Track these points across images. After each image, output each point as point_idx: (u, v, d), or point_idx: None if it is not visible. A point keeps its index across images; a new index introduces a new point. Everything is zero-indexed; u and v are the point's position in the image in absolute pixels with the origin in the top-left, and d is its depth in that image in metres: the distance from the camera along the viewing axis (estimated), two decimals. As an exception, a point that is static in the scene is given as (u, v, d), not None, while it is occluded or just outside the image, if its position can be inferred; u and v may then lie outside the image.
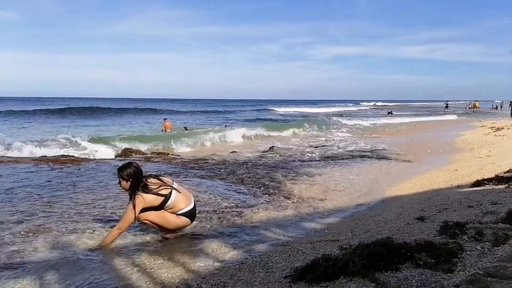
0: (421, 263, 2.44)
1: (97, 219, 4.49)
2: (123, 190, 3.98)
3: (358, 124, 25.71)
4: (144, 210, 3.85)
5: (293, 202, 5.38)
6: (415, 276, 2.24)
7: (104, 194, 5.71)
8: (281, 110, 52.93)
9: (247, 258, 3.28)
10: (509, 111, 32.19)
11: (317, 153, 10.62)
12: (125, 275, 3.04)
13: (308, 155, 10.18)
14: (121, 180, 3.85)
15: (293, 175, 7.31)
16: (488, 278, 2.11)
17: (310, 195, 5.76)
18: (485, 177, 5.52)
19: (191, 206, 4.09)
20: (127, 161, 4.06)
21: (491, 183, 5.12)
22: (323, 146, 12.68)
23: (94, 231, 4.10)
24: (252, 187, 6.28)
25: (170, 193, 3.96)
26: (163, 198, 3.92)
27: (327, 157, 9.76)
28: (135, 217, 3.79)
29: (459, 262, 2.45)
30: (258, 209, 5.02)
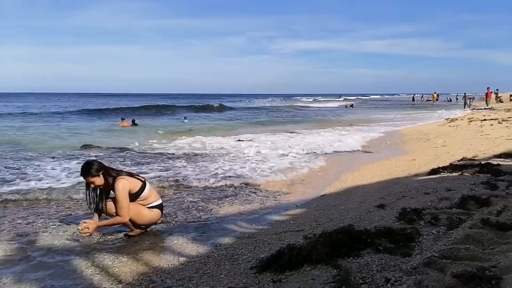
0: (381, 248, 2.53)
1: (54, 218, 4.31)
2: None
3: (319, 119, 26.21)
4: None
5: (259, 196, 5.41)
6: (375, 261, 2.32)
7: (65, 194, 5.49)
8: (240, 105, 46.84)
9: (213, 252, 3.27)
10: (462, 103, 33.98)
11: (283, 148, 10.71)
12: (87, 276, 2.94)
13: (272, 150, 10.25)
14: (93, 180, 3.66)
15: (258, 169, 7.34)
16: (443, 260, 2.21)
17: (276, 188, 5.82)
18: (441, 166, 5.78)
19: (160, 201, 4.05)
20: (82, 165, 3.80)
21: (446, 171, 5.38)
22: (287, 140, 12.81)
23: (51, 231, 3.94)
24: (219, 181, 6.25)
25: (145, 182, 3.89)
26: (142, 183, 3.84)
27: (292, 151, 9.87)
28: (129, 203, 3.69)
29: (416, 246, 2.56)
30: (224, 203, 5.02)
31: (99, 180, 3.69)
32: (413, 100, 55.55)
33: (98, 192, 3.80)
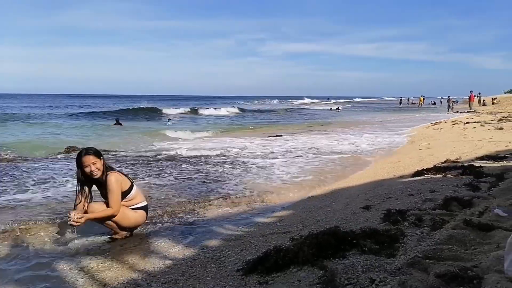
0: (366, 249, 2.55)
1: (37, 221, 4.23)
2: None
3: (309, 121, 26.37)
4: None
5: (245, 198, 5.41)
6: (360, 262, 2.34)
7: (50, 194, 5.40)
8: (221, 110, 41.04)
9: (199, 254, 3.25)
10: (446, 106, 34.59)
11: (268, 150, 10.75)
12: (70, 279, 2.90)
13: (260, 151, 10.27)
14: (95, 161, 3.61)
15: (245, 170, 7.35)
16: (427, 260, 2.25)
17: (263, 190, 5.82)
18: (425, 168, 5.87)
19: (146, 202, 4.03)
20: (83, 148, 3.85)
21: (430, 173, 5.46)
22: (273, 142, 12.85)
23: (33, 233, 3.87)
24: (206, 183, 6.23)
25: (133, 183, 3.87)
26: (130, 183, 3.81)
27: (278, 153, 9.91)
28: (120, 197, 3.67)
29: (400, 247, 2.59)
30: (210, 205, 4.99)
31: (100, 164, 3.65)
32: (400, 103, 56.38)
33: (80, 185, 3.70)
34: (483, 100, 38.94)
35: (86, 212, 3.68)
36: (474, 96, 35.05)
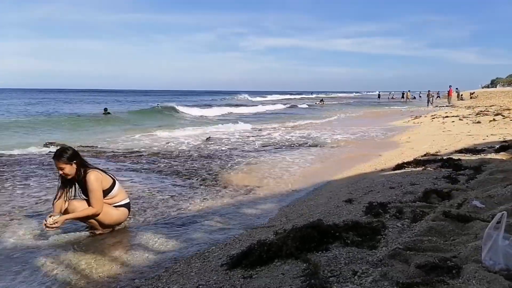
0: (349, 241, 2.58)
1: (18, 218, 4.13)
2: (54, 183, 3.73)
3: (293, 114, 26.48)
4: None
5: (229, 191, 5.39)
6: (343, 254, 2.37)
7: (28, 191, 5.27)
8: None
9: (183, 250, 3.24)
10: (426, 100, 35.21)
11: (254, 143, 10.75)
12: (51, 275, 2.85)
13: (244, 145, 10.27)
14: (63, 166, 3.54)
15: (229, 165, 7.33)
16: (407, 252, 2.30)
17: (247, 184, 5.81)
18: (405, 161, 5.98)
19: (128, 200, 3.99)
20: (58, 148, 3.79)
21: (410, 166, 5.57)
22: (257, 136, 12.86)
23: (14, 228, 3.78)
24: (188, 178, 6.19)
25: (115, 181, 3.83)
26: (112, 181, 3.77)
27: (262, 146, 9.93)
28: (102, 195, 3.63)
29: (382, 238, 2.63)
30: (194, 200, 4.96)
31: (69, 169, 3.57)
32: (379, 97, 57.43)
33: (61, 181, 3.68)
34: (461, 95, 39.81)
35: (66, 210, 3.62)
36: (453, 90, 35.78)
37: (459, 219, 2.80)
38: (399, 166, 5.64)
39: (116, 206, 3.81)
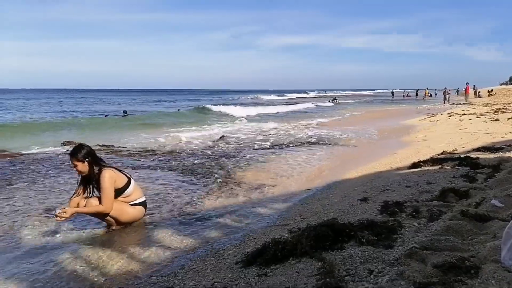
0: (364, 240, 2.57)
1: (38, 215, 4.23)
2: (74, 179, 3.82)
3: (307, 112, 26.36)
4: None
5: (243, 190, 5.41)
6: (358, 253, 2.36)
7: (45, 189, 5.39)
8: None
9: (198, 247, 3.27)
10: (442, 98, 34.63)
11: (267, 142, 10.75)
12: (71, 269, 2.91)
13: (258, 144, 10.28)
14: (76, 163, 3.64)
15: (243, 163, 7.35)
16: (424, 251, 2.27)
17: (260, 182, 5.82)
18: (421, 160, 5.89)
19: (144, 198, 4.04)
20: (75, 145, 3.88)
21: (426, 165, 5.49)
22: (272, 134, 12.86)
23: (34, 227, 3.87)
24: (203, 176, 6.23)
25: (130, 179, 3.87)
26: (127, 179, 3.82)
27: (277, 145, 9.92)
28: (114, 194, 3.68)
29: (398, 238, 2.61)
30: (208, 197, 5.00)
31: (82, 166, 3.66)
32: (392, 95, 56.54)
33: (80, 178, 3.79)
34: (479, 92, 39.05)
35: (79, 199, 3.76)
36: (470, 88, 35.11)
37: (477, 219, 2.76)
38: (415, 165, 5.56)
39: (132, 205, 3.86)
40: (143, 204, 3.98)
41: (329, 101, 44.09)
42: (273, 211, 4.40)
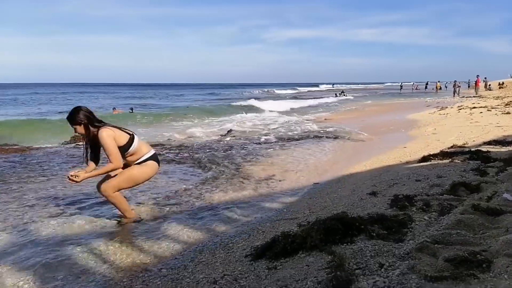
0: (374, 234, 2.55)
1: (50, 208, 4.28)
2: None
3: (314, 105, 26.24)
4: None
5: (252, 183, 5.42)
6: (368, 247, 2.35)
7: (56, 182, 5.45)
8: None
9: (207, 240, 3.29)
10: (452, 91, 34.22)
11: (274, 135, 10.74)
12: (80, 262, 2.95)
13: (265, 138, 10.27)
14: (74, 127, 3.67)
15: (251, 157, 7.36)
16: (435, 245, 2.25)
17: (268, 176, 5.83)
18: (431, 153, 5.83)
19: (154, 151, 3.97)
20: (73, 108, 3.78)
21: (436, 158, 5.43)
22: (278, 128, 12.83)
23: (43, 220, 3.92)
24: (211, 169, 6.25)
25: (133, 136, 3.82)
26: (129, 136, 3.76)
27: (284, 139, 9.90)
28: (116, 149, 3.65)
29: (409, 232, 2.59)
30: (217, 191, 5.02)
31: (80, 129, 3.68)
32: (401, 88, 55.88)
33: (85, 142, 3.80)
34: (489, 85, 38.49)
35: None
36: (481, 80, 34.61)
37: (489, 213, 2.73)
38: (425, 158, 5.51)
39: (141, 162, 3.82)
40: (153, 157, 3.90)
41: (336, 94, 43.52)
42: (282, 204, 4.40)
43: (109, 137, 3.62)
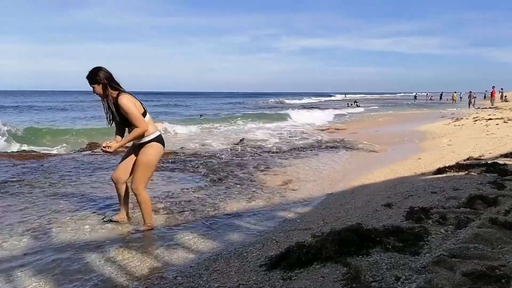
0: (390, 247, 2.54)
1: (67, 213, 4.36)
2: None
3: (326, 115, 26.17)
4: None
5: (265, 193, 5.43)
6: (384, 259, 2.34)
7: (73, 188, 5.55)
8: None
9: (222, 249, 3.30)
10: (467, 102, 33.79)
11: (286, 145, 10.75)
12: (97, 269, 2.99)
13: (277, 147, 10.28)
14: (93, 85, 3.66)
15: (264, 166, 7.37)
16: (453, 259, 2.23)
17: (282, 186, 5.83)
18: (447, 165, 5.77)
19: (159, 132, 3.95)
20: (92, 68, 3.75)
21: (452, 171, 5.37)
22: (291, 137, 12.84)
23: (61, 226, 3.99)
24: (224, 178, 6.28)
25: (146, 111, 3.84)
26: (143, 110, 3.79)
27: (296, 149, 9.90)
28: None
29: (425, 245, 2.57)
30: (230, 200, 5.04)
31: (97, 89, 3.67)
32: (415, 98, 55.44)
33: (106, 104, 3.76)
34: (505, 96, 37.91)
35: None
36: (496, 91, 34.12)
37: (507, 227, 2.69)
38: (440, 170, 5.46)
39: (145, 143, 3.79)
40: (158, 138, 3.88)
41: (348, 104, 43.05)
42: (295, 214, 4.40)
43: (130, 101, 3.66)
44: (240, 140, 11.98)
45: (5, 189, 5.42)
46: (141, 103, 3.84)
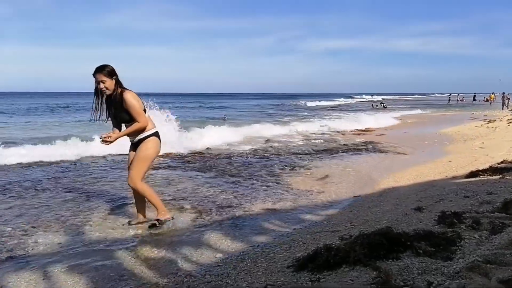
0: (421, 251, 2.49)
1: (98, 212, 4.50)
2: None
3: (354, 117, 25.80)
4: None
5: (290, 194, 5.42)
6: (415, 264, 2.29)
7: (106, 186, 5.72)
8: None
9: (248, 249, 3.32)
10: (501, 103, 32.54)
11: (312, 147, 10.68)
12: (128, 268, 3.07)
13: (303, 149, 10.23)
14: (104, 79, 3.73)
15: (290, 168, 7.36)
16: (488, 265, 2.16)
17: (308, 188, 5.80)
18: (480, 168, 5.59)
19: (156, 128, 4.04)
20: (101, 64, 3.84)
21: (485, 174, 5.20)
22: (316, 139, 12.74)
23: (91, 225, 4.12)
24: (250, 179, 6.32)
25: (145, 108, 3.97)
26: (143, 106, 3.92)
27: (322, 150, 9.82)
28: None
29: (458, 250, 2.50)
30: (256, 201, 5.06)
31: (109, 83, 3.75)
32: (449, 100, 53.82)
33: (105, 100, 3.87)
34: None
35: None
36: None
37: (546, 233, 2.58)
38: (473, 174, 5.29)
39: (143, 138, 3.88)
40: (156, 134, 3.97)
41: (372, 106, 41.73)
42: (322, 216, 4.37)
43: (135, 98, 3.80)
44: (266, 140, 12.00)
45: (41, 185, 5.66)
46: (142, 101, 3.97)
